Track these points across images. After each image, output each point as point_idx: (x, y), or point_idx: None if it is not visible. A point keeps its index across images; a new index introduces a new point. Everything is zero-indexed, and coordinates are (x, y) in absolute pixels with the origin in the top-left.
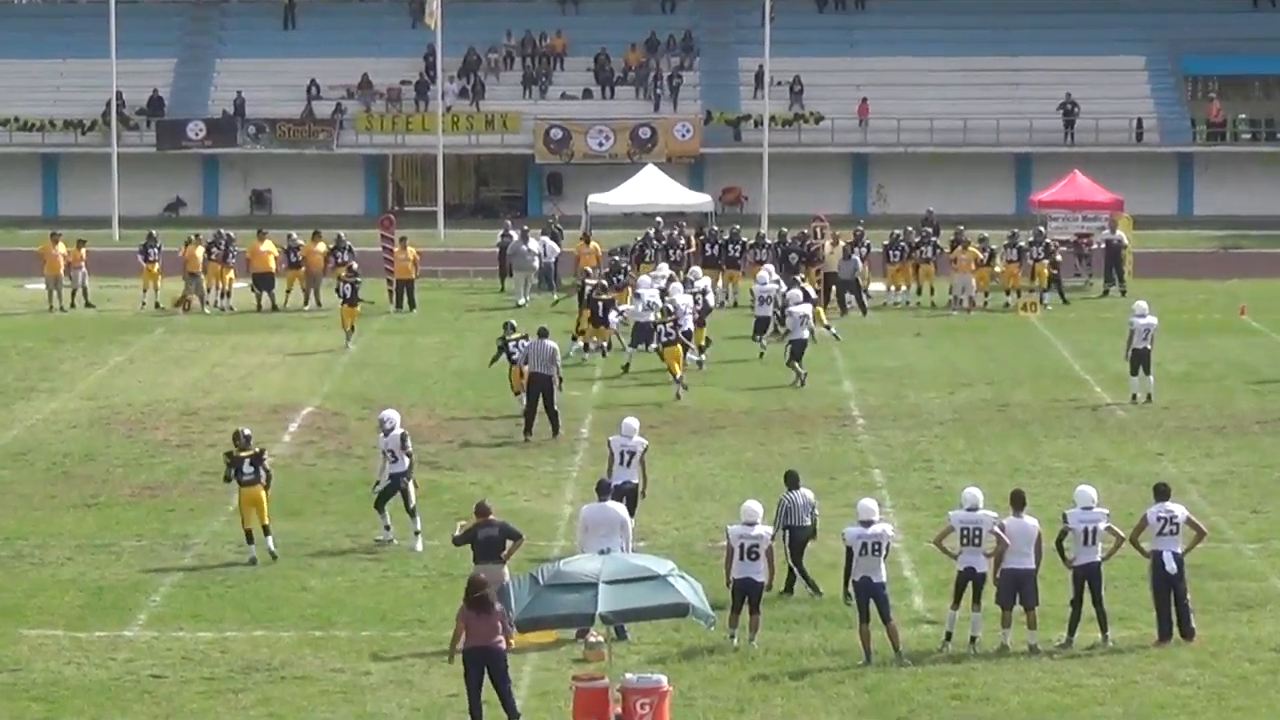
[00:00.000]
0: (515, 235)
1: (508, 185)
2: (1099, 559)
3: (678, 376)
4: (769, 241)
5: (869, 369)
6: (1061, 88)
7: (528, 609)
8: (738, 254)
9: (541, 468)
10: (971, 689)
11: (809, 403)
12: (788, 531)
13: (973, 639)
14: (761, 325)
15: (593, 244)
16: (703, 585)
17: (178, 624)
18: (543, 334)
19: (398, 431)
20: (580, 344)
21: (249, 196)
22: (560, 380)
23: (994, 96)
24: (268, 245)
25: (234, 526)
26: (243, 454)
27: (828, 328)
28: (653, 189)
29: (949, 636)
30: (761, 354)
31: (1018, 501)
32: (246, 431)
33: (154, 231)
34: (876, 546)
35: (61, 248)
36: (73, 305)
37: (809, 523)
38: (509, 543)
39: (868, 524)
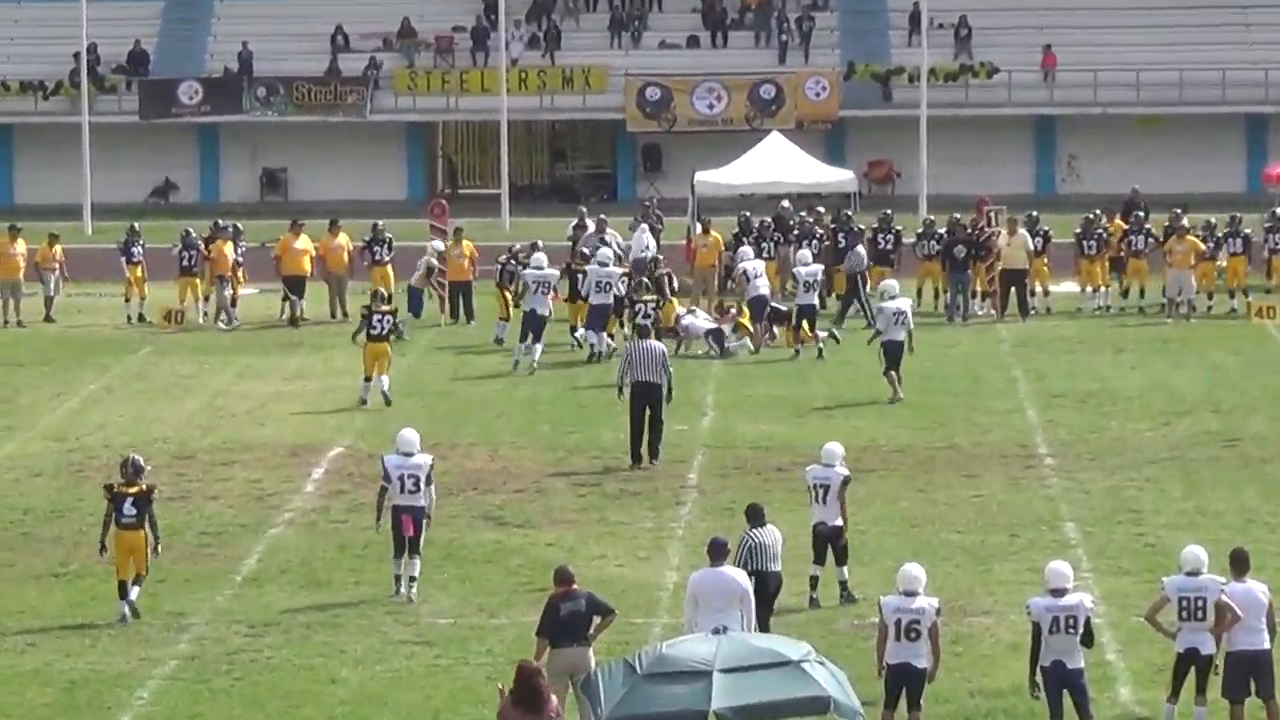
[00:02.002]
0: (590, 225)
1: (591, 160)
2: None
3: None
4: (939, 231)
5: (1060, 394)
6: None
7: (622, 705)
8: (890, 247)
9: (638, 524)
10: None
11: (983, 438)
12: (754, 579)
13: None
14: (807, 313)
15: (713, 234)
16: (848, 674)
17: None
18: (644, 333)
19: (428, 459)
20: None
21: (258, 178)
22: (670, 390)
23: (1219, 42)
24: (303, 242)
25: (244, 602)
26: (127, 490)
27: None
28: (778, 164)
29: None
30: (797, 353)
31: (1239, 563)
32: (138, 459)
33: (136, 224)
34: (1071, 623)
35: (22, 245)
36: (46, 319)
37: (778, 568)
38: (597, 619)
39: (1059, 593)
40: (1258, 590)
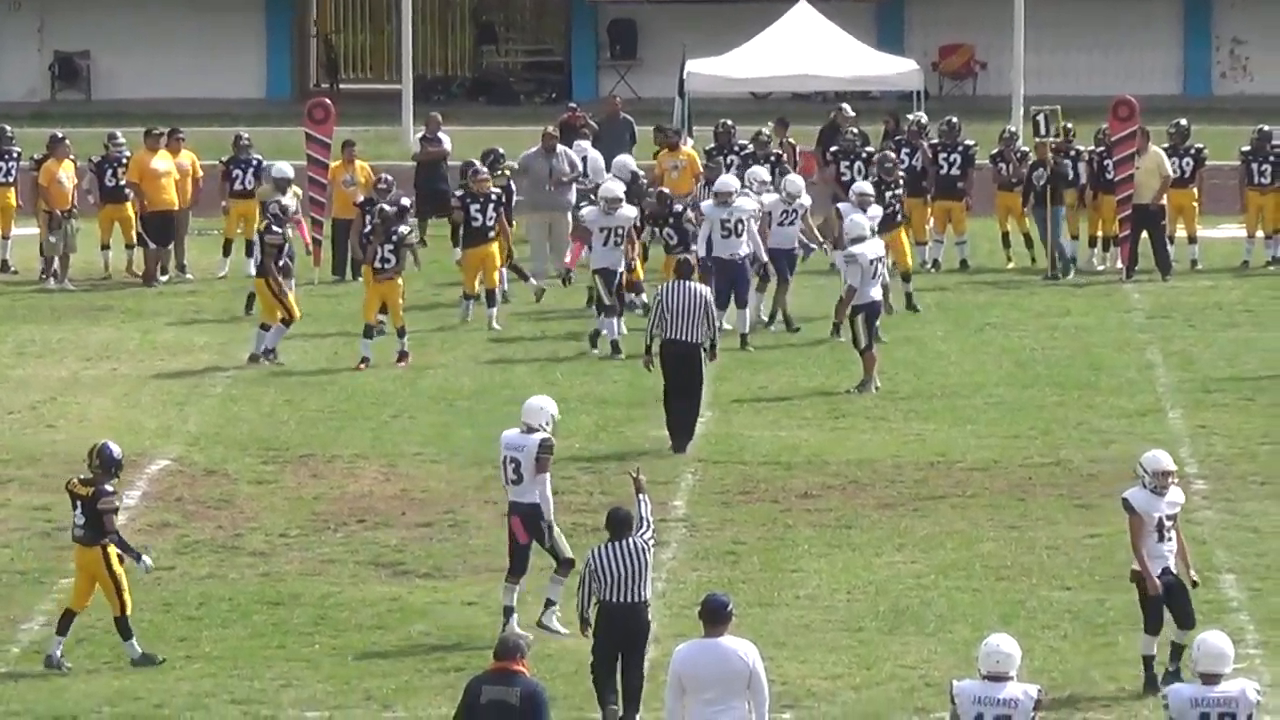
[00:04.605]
0: (445, 141)
1: (533, 42)
2: None
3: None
4: (1023, 149)
5: (1216, 386)
6: None
7: None
8: (958, 171)
9: None
10: None
11: (1102, 452)
12: (599, 608)
13: None
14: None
15: (686, 148)
16: None
17: None
18: (684, 270)
19: (538, 437)
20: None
21: (48, 66)
22: (714, 346)
23: None
24: (163, 161)
25: (24, 687)
26: (79, 491)
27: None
28: (807, 49)
29: None
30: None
31: None
32: (109, 448)
33: None
34: (1228, 719)
35: None
36: None
37: (642, 598)
38: None
39: (1212, 680)
40: None
